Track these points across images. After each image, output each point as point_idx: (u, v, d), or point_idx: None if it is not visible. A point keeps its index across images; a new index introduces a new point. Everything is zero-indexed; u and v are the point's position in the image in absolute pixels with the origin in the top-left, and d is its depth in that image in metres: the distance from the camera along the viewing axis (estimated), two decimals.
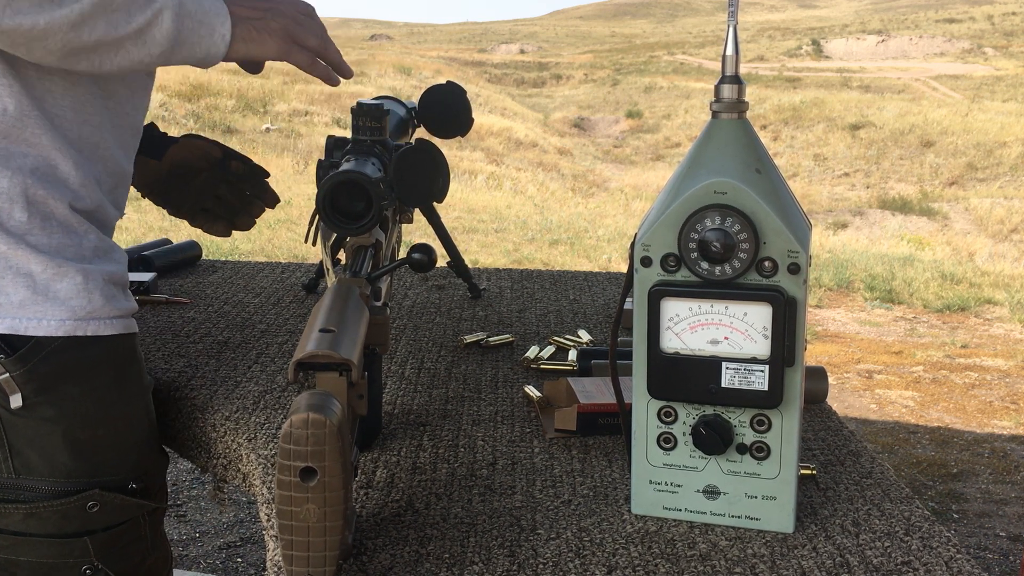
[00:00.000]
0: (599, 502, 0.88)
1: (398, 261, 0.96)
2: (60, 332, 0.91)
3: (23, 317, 0.90)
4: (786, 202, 0.79)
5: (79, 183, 0.94)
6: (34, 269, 0.90)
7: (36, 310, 0.90)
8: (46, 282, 0.90)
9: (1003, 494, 3.65)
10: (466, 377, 1.19)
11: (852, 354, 5.50)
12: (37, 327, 0.90)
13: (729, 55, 0.80)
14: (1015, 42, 49.21)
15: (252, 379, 1.16)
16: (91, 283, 0.93)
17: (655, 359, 0.81)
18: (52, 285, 0.91)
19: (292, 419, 0.66)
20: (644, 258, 0.80)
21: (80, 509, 0.95)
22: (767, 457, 0.81)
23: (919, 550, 0.80)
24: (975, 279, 7.60)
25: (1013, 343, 5.86)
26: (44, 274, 0.90)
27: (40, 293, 0.90)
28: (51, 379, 0.92)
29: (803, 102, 26.13)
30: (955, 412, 4.59)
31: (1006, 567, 3.10)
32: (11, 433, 0.92)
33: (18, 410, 0.91)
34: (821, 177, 19.69)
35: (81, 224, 0.94)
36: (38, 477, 0.94)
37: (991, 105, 26.25)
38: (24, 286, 0.89)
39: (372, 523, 0.84)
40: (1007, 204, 15.15)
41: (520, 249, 8.24)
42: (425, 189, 0.97)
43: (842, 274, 7.38)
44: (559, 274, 1.71)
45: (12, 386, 0.90)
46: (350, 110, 1.07)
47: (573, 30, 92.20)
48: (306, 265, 1.71)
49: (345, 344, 0.76)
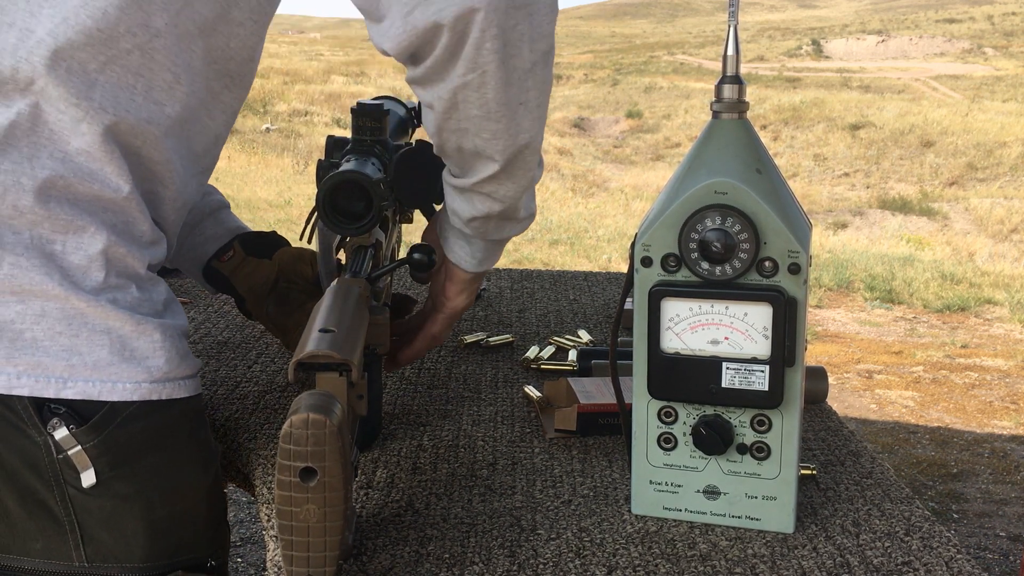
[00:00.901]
0: (599, 502, 0.88)
1: (398, 261, 0.96)
2: (136, 396, 0.81)
3: (97, 380, 0.79)
4: (786, 202, 0.79)
5: (152, 239, 0.87)
6: (113, 325, 0.80)
7: (112, 372, 0.80)
8: (125, 339, 0.80)
9: (1003, 494, 3.65)
10: (466, 377, 1.19)
11: (852, 354, 5.50)
12: (112, 391, 0.80)
13: (730, 55, 0.80)
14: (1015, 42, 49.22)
15: (252, 379, 1.16)
16: (167, 340, 0.83)
17: (655, 359, 0.81)
18: (131, 343, 0.81)
19: (292, 419, 0.66)
20: (644, 258, 0.80)
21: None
22: (767, 457, 0.81)
23: (919, 550, 0.80)
24: (975, 279, 7.60)
25: (1013, 343, 5.85)
26: (123, 329, 0.81)
27: (117, 353, 0.80)
28: (127, 450, 0.81)
29: (803, 102, 26.13)
30: (955, 412, 4.59)
31: (1006, 567, 3.10)
32: (82, 516, 0.81)
33: (91, 488, 0.80)
34: (821, 177, 19.69)
35: (151, 276, 0.87)
36: (113, 563, 0.83)
37: (991, 105, 26.26)
38: (101, 345, 0.80)
39: (372, 523, 0.84)
40: (1007, 204, 15.15)
41: (520, 249, 8.23)
42: (425, 190, 0.97)
43: (842, 274, 7.38)
44: (559, 274, 1.71)
45: (84, 461, 0.79)
46: (350, 110, 1.07)
47: (573, 30, 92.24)
48: None
49: (345, 344, 0.76)
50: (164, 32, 0.82)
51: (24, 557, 0.82)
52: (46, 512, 0.81)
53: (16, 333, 0.78)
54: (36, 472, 0.80)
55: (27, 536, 0.82)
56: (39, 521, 0.81)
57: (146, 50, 0.82)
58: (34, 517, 0.81)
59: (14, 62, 0.79)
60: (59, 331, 0.79)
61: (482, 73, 0.78)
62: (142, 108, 0.83)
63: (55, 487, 0.80)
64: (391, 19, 0.78)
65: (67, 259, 0.79)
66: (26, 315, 0.78)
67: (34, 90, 0.79)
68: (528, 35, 0.78)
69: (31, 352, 0.78)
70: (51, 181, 0.78)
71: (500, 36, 0.76)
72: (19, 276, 0.77)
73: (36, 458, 0.79)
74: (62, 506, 0.81)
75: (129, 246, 0.83)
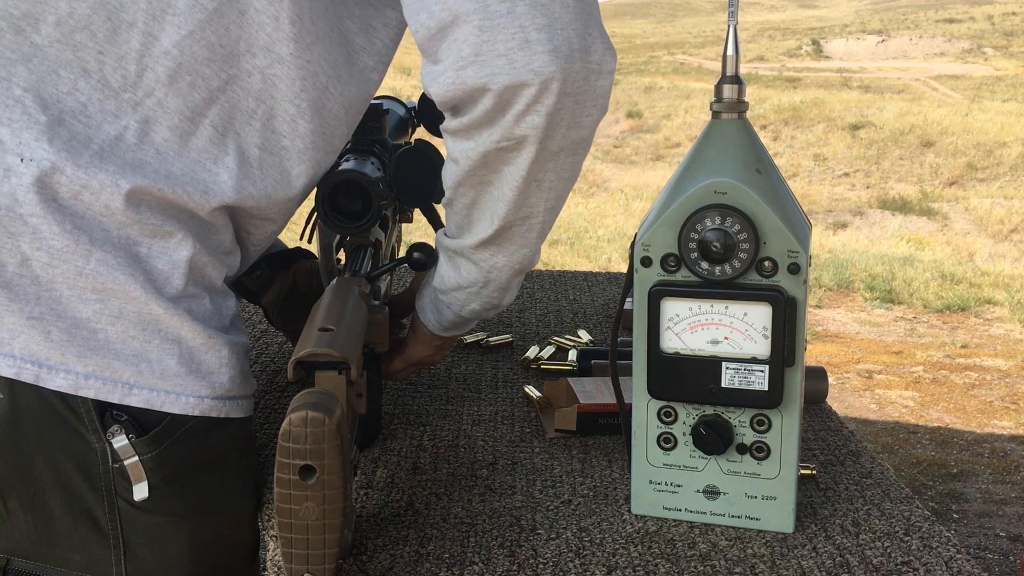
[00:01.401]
0: (599, 502, 0.88)
1: (397, 260, 0.96)
2: (198, 411, 0.79)
3: (162, 390, 0.78)
4: (786, 202, 0.79)
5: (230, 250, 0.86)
6: (184, 335, 0.79)
7: (178, 383, 0.78)
8: (194, 351, 0.79)
9: (1003, 494, 3.65)
10: (466, 377, 1.19)
11: (852, 354, 5.49)
12: (175, 403, 0.78)
13: (729, 55, 0.80)
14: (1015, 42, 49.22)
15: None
16: (233, 356, 0.82)
17: (655, 359, 0.81)
18: (199, 355, 0.80)
19: (291, 417, 0.66)
20: (644, 258, 0.80)
21: None
22: (767, 457, 0.81)
23: (919, 550, 0.80)
24: (975, 279, 7.59)
25: (1013, 343, 5.85)
26: (195, 341, 0.79)
27: (185, 364, 0.79)
28: (182, 467, 0.79)
29: (803, 102, 26.11)
30: (955, 412, 4.59)
31: (1006, 567, 3.10)
32: (128, 531, 0.79)
33: (141, 503, 0.78)
34: (821, 177, 19.68)
35: (224, 289, 0.85)
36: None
37: (991, 105, 26.25)
38: (171, 354, 0.78)
39: (372, 523, 0.84)
40: (1007, 204, 15.14)
41: None
42: (424, 189, 0.97)
43: (842, 274, 7.38)
44: (559, 274, 1.71)
45: (140, 473, 0.77)
46: None
47: None
48: None
49: (344, 343, 0.76)
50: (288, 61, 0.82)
51: (60, 568, 0.80)
52: (92, 523, 0.79)
53: (90, 332, 0.76)
54: (88, 480, 0.78)
55: (68, 546, 0.80)
56: (83, 531, 0.79)
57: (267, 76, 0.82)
58: (79, 527, 0.79)
59: (139, 69, 0.78)
60: (132, 335, 0.77)
61: (515, 143, 0.78)
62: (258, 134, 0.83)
63: (105, 497, 0.78)
64: (444, 67, 0.77)
65: (151, 263, 0.78)
66: (103, 315, 0.77)
67: (149, 104, 0.78)
68: (567, 122, 0.78)
69: (102, 354, 0.77)
70: (145, 189, 0.77)
71: (542, 115, 0.76)
72: (104, 273, 0.76)
73: (91, 465, 0.78)
74: (109, 518, 0.79)
75: (210, 256, 0.82)
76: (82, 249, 0.76)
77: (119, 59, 0.78)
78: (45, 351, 0.75)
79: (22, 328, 0.75)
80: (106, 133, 0.77)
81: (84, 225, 0.76)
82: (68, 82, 0.77)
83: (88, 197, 0.76)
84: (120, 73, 0.78)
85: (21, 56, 0.77)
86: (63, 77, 0.77)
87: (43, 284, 0.75)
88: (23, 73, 0.77)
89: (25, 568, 0.81)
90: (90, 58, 0.78)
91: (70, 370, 0.76)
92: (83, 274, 0.76)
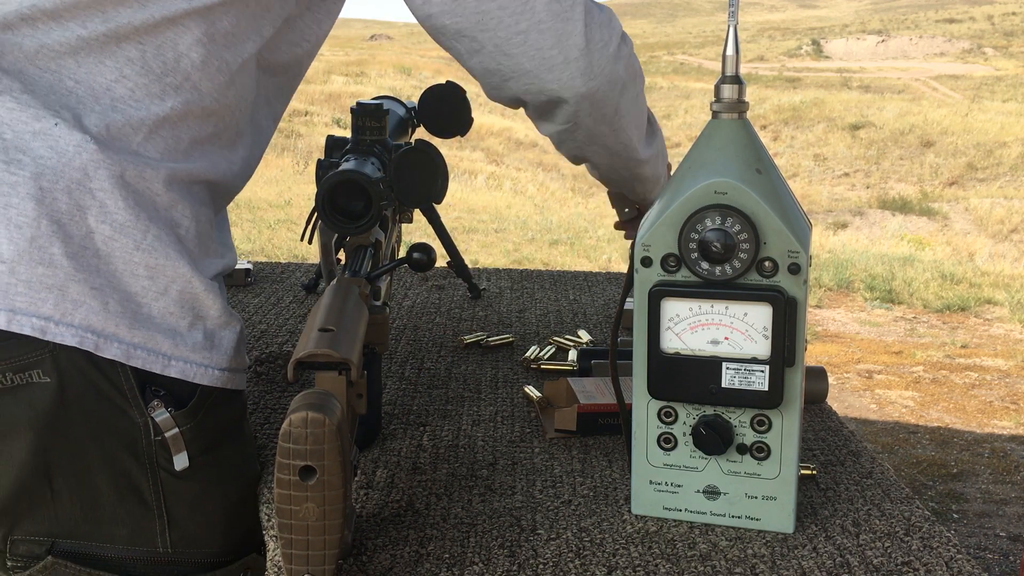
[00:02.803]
0: (599, 502, 0.88)
1: (397, 260, 0.96)
2: (220, 383, 0.85)
3: (194, 362, 0.83)
4: (786, 202, 0.79)
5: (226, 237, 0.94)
6: (211, 313, 0.84)
7: (205, 356, 0.83)
8: (216, 327, 0.85)
9: (1003, 494, 3.65)
10: (466, 377, 1.19)
11: (852, 354, 5.49)
12: (204, 375, 0.83)
13: (729, 55, 0.80)
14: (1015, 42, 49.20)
15: (252, 379, 1.16)
16: (241, 333, 0.88)
17: (655, 359, 0.81)
18: (219, 331, 0.85)
19: (291, 418, 0.66)
20: (644, 258, 0.80)
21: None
22: (767, 457, 0.81)
23: (919, 550, 0.80)
24: (975, 279, 7.59)
25: (1013, 343, 5.85)
26: (217, 320, 0.85)
27: (209, 338, 0.84)
28: (214, 436, 0.85)
29: (803, 102, 26.11)
30: (955, 412, 4.59)
31: (1006, 567, 3.10)
32: (171, 500, 0.83)
33: (182, 472, 0.82)
34: (821, 177, 19.68)
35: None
36: (195, 549, 0.85)
37: (991, 105, 26.24)
38: (199, 330, 0.84)
39: (372, 523, 0.84)
40: (1007, 204, 15.14)
41: (520, 249, 8.23)
42: (424, 190, 0.97)
43: (842, 274, 7.38)
44: (559, 274, 1.71)
45: (180, 444, 0.82)
46: (350, 110, 1.07)
47: None
48: (306, 265, 1.71)
49: (344, 343, 0.76)
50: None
51: (107, 544, 0.83)
52: (136, 496, 0.83)
53: (138, 306, 0.81)
54: (133, 454, 0.82)
55: (114, 521, 0.83)
56: (128, 505, 0.83)
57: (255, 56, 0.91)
58: (124, 501, 0.83)
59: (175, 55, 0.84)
60: (171, 311, 0.82)
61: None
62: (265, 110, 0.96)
63: (149, 470, 0.82)
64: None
65: (188, 244, 0.84)
66: (150, 290, 0.81)
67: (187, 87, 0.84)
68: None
69: (147, 326, 0.81)
70: (183, 169, 0.84)
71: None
72: (158, 249, 0.81)
73: (135, 439, 0.81)
74: (153, 490, 0.83)
75: (220, 238, 0.89)
76: (142, 224, 0.80)
77: (158, 47, 0.83)
78: (102, 321, 0.79)
79: (85, 298, 0.78)
80: (154, 114, 0.83)
81: (143, 203, 0.81)
82: (114, 71, 0.82)
83: (149, 174, 0.81)
84: (160, 60, 0.83)
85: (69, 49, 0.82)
86: (108, 66, 0.82)
87: (103, 257, 0.79)
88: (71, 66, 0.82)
89: (70, 548, 0.83)
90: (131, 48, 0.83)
91: (122, 340, 0.80)
92: (140, 248, 0.80)
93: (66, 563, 0.82)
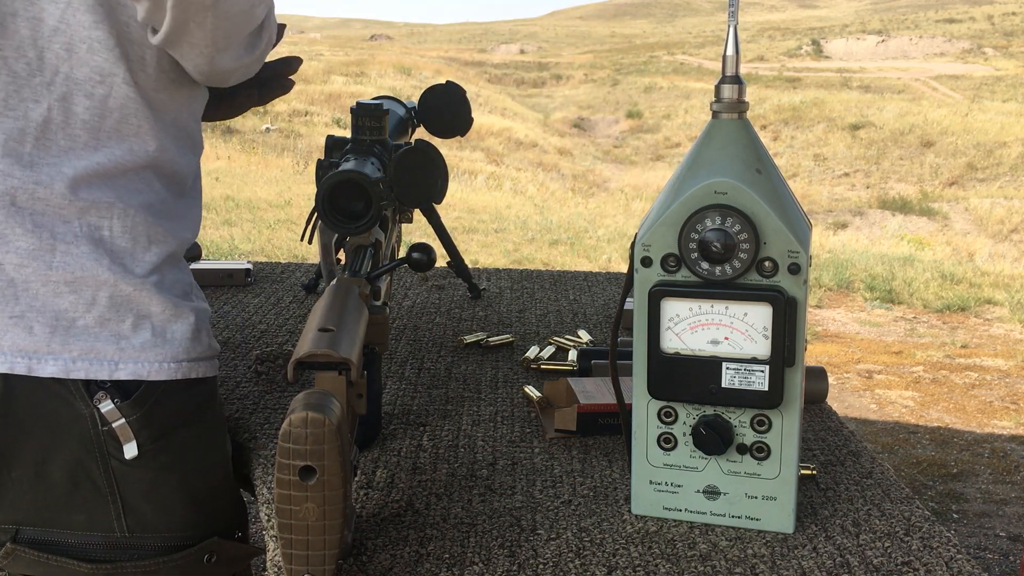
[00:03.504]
0: (599, 502, 0.88)
1: (397, 260, 0.96)
2: (178, 375, 0.86)
3: (144, 361, 0.84)
4: (786, 202, 0.79)
5: (183, 216, 0.91)
6: (154, 310, 0.85)
7: (156, 353, 0.84)
8: (164, 324, 0.85)
9: (1003, 494, 3.65)
10: (466, 377, 1.19)
11: (852, 354, 5.50)
12: (158, 371, 0.84)
13: (729, 55, 0.80)
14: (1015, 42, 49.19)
15: (252, 379, 1.16)
16: (199, 322, 0.88)
17: (655, 359, 0.81)
18: (170, 325, 0.85)
19: (291, 418, 0.66)
20: (644, 258, 0.80)
21: (198, 562, 0.89)
22: (767, 457, 0.81)
23: (919, 550, 0.80)
24: (975, 279, 7.60)
25: (1013, 343, 5.85)
26: (163, 315, 0.85)
27: (159, 335, 0.85)
28: (166, 424, 0.86)
29: (803, 102, 26.13)
30: (955, 412, 4.59)
31: (1006, 567, 3.10)
32: (124, 487, 0.85)
33: (132, 460, 0.84)
34: (821, 177, 19.69)
35: (180, 257, 0.91)
36: (153, 533, 0.87)
37: (991, 105, 26.25)
38: (145, 328, 0.84)
39: (372, 523, 0.84)
40: (1007, 204, 15.15)
41: (520, 249, 8.23)
42: (424, 189, 0.97)
43: (842, 274, 7.38)
44: (559, 274, 1.71)
45: (127, 433, 0.83)
46: (350, 110, 1.07)
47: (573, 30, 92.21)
48: (306, 265, 1.71)
49: (344, 343, 0.76)
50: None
51: (67, 530, 0.86)
52: (90, 483, 0.85)
53: (70, 322, 0.82)
54: (83, 444, 0.83)
55: (71, 508, 0.85)
56: (83, 492, 0.85)
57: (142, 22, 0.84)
58: (79, 488, 0.85)
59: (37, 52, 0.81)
60: (108, 317, 0.83)
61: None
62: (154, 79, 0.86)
63: (99, 458, 0.84)
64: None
65: (114, 243, 0.84)
66: (78, 304, 0.82)
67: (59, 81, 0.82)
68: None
69: (84, 339, 0.82)
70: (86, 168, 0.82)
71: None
72: (71, 264, 0.81)
73: (83, 429, 0.83)
74: (105, 477, 0.85)
75: (163, 223, 0.87)
76: (46, 245, 0.81)
77: (16, 48, 0.81)
78: (32, 344, 0.81)
79: (6, 327, 0.81)
80: (34, 120, 0.81)
81: (44, 222, 0.81)
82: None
83: (42, 193, 0.81)
84: (23, 61, 0.81)
85: None
86: None
87: (18, 285, 0.81)
88: None
89: (33, 535, 0.86)
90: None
91: (58, 356, 0.82)
92: (53, 267, 0.81)
93: (25, 549, 0.86)
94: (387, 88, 25.60)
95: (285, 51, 1.11)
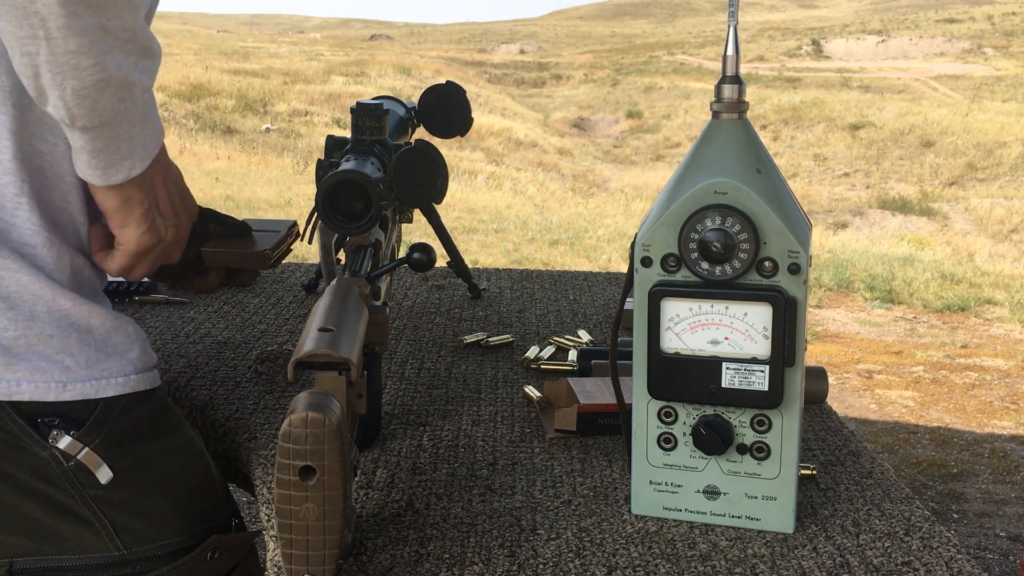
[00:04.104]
0: (599, 502, 0.88)
1: (397, 260, 0.96)
2: (127, 388, 0.83)
3: (91, 379, 0.81)
4: (786, 202, 0.79)
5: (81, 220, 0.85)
6: (94, 323, 0.81)
7: (102, 368, 0.81)
8: (106, 335, 0.82)
9: (1003, 494, 3.65)
10: (466, 377, 1.19)
11: (852, 354, 5.50)
12: (107, 387, 0.81)
13: (729, 55, 0.80)
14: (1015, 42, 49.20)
15: (252, 379, 1.16)
16: (136, 332, 0.86)
17: (655, 359, 0.81)
18: (111, 338, 0.82)
19: (291, 418, 0.66)
20: (644, 258, 0.80)
21: (202, 562, 0.87)
22: (767, 457, 0.81)
23: (919, 550, 0.80)
24: (975, 279, 7.60)
25: (1013, 343, 5.86)
26: (105, 326, 0.82)
27: (102, 349, 0.82)
28: (129, 440, 0.83)
29: (803, 102, 26.13)
30: (955, 412, 4.59)
31: (1006, 567, 3.10)
32: (108, 511, 0.83)
33: (109, 484, 0.82)
34: (821, 177, 19.69)
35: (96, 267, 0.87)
36: (150, 544, 0.85)
37: (991, 105, 26.25)
38: (88, 343, 0.81)
39: (372, 523, 0.84)
40: (1007, 204, 15.15)
41: (520, 249, 8.24)
42: (424, 189, 0.97)
43: (842, 274, 7.38)
44: (559, 274, 1.71)
45: (95, 459, 0.80)
46: (350, 110, 1.07)
47: (573, 30, 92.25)
48: (306, 265, 1.71)
49: (344, 343, 0.76)
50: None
51: (62, 556, 0.83)
52: (72, 515, 0.82)
53: (11, 340, 0.78)
54: (51, 483, 0.80)
55: (60, 538, 0.82)
56: (68, 524, 0.82)
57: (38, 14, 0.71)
58: (64, 521, 0.82)
59: None
60: (51, 334, 0.79)
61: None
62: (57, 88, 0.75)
63: (74, 492, 0.81)
64: None
65: (43, 255, 0.79)
66: (18, 321, 0.78)
67: None
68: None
69: (28, 358, 0.78)
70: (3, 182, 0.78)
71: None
72: (6, 278, 0.77)
73: (47, 471, 0.80)
74: (86, 507, 0.82)
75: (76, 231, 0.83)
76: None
77: None
78: None
79: None
80: None
81: None
82: None
83: None
84: None
85: None
86: None
87: None
88: None
89: (28, 565, 0.83)
90: None
91: (1, 378, 0.77)
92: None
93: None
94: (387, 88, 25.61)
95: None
